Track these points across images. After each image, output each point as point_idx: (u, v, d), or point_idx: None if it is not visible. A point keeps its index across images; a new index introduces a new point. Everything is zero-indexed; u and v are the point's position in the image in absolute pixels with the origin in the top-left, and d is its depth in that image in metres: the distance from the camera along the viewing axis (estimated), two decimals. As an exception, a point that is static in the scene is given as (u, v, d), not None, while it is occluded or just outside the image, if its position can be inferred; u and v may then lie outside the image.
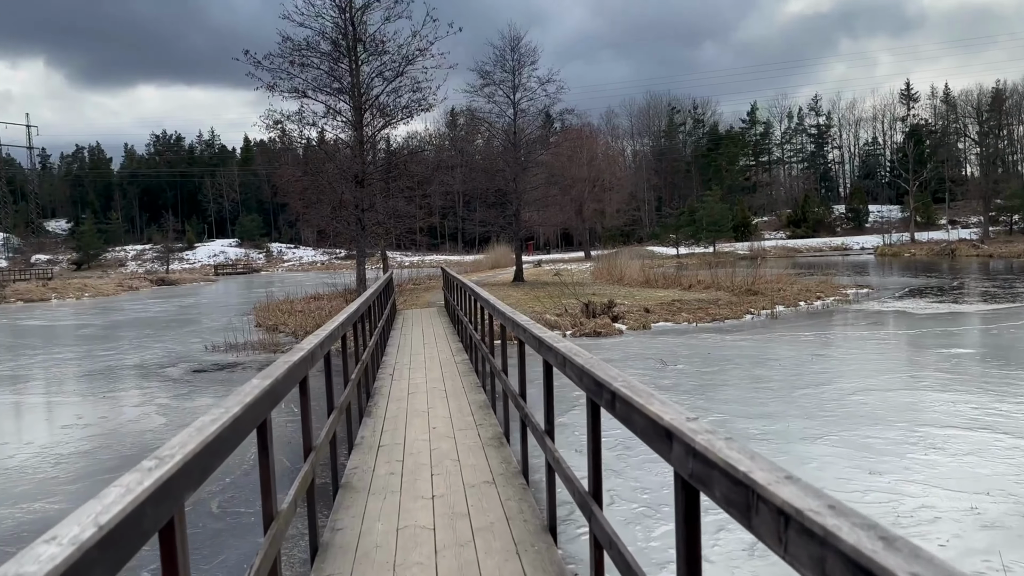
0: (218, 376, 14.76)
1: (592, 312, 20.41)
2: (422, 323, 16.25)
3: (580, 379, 2.94)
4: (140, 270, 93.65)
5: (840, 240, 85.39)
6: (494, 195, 40.45)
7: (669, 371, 13.00)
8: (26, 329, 27.31)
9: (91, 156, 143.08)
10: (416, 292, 31.62)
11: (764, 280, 28.50)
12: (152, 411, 11.65)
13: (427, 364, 10.05)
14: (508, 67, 34.52)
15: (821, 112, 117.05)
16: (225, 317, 27.39)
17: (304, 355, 3.68)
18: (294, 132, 20.84)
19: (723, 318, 20.17)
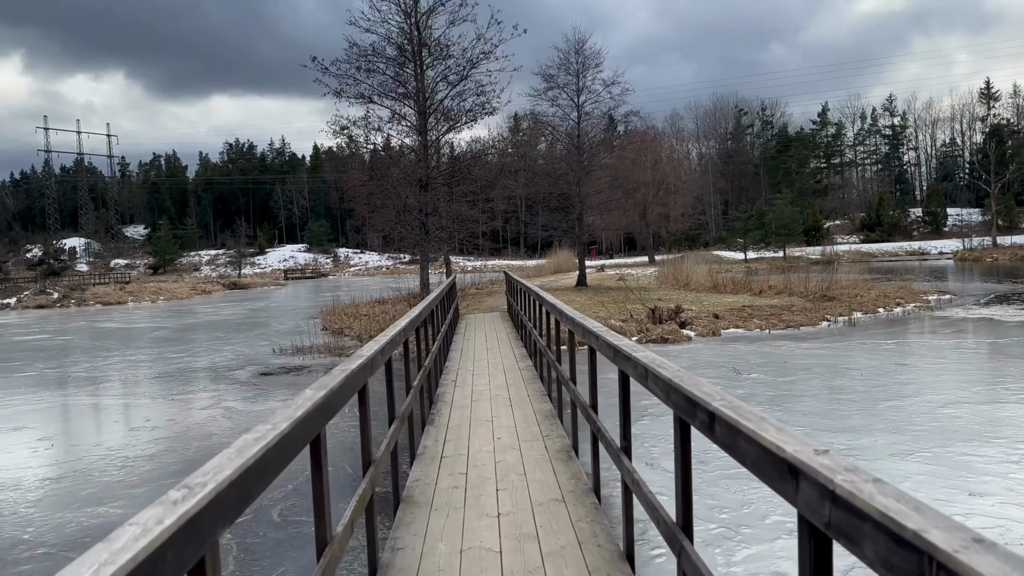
0: (284, 379, 14.82)
1: (659, 318, 19.87)
2: (485, 328, 16.04)
3: (667, 394, 2.60)
4: (214, 274, 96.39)
5: (917, 244, 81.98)
6: (557, 199, 40.12)
7: (743, 380, 12.43)
8: (103, 332, 28.20)
9: (167, 164, 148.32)
10: (479, 297, 31.52)
11: (839, 285, 27.39)
12: (219, 414, 11.70)
13: (491, 370, 9.78)
14: (572, 70, 34.22)
15: (896, 112, 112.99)
16: (292, 320, 27.77)
17: (363, 362, 3.43)
18: (360, 137, 21.03)
19: (797, 325, 19.36)
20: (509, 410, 7.20)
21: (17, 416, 12.17)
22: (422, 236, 21.28)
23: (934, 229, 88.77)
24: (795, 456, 1.57)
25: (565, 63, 34.20)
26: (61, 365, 18.44)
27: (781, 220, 68.30)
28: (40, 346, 23.39)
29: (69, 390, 14.82)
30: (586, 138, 34.96)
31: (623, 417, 3.68)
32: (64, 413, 12.67)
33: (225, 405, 12.42)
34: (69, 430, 11.31)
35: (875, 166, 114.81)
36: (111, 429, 11.21)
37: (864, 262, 66.01)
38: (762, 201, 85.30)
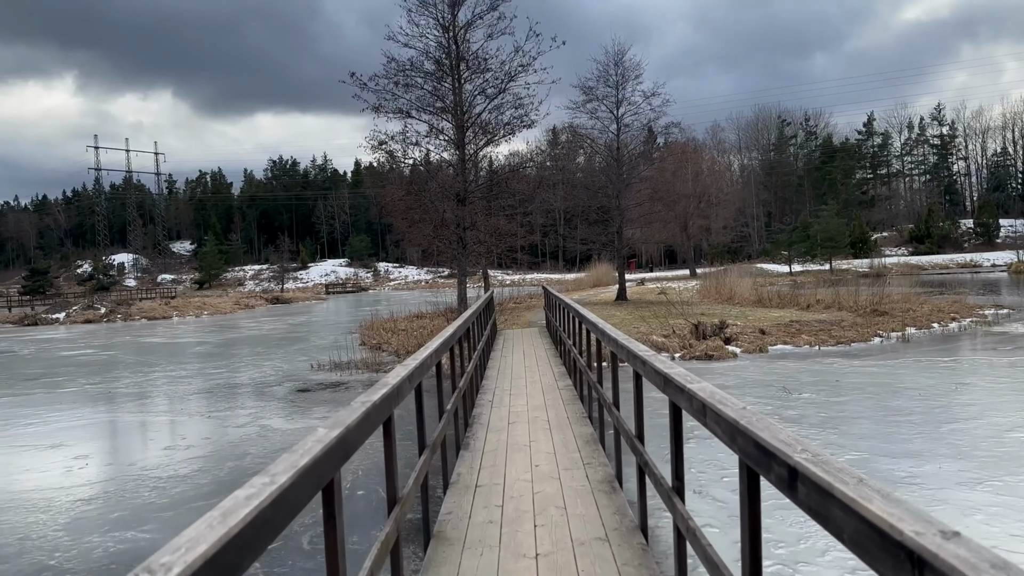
0: (321, 396, 14.65)
1: (702, 333, 19.33)
2: (523, 344, 15.69)
3: (731, 438, 2.23)
4: (257, 289, 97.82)
5: (968, 256, 79.57)
6: (596, 212, 39.68)
7: (794, 400, 11.88)
8: (146, 347, 28.52)
9: (213, 181, 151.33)
10: (517, 311, 31.21)
11: (890, 299, 26.46)
12: (254, 433, 11.54)
13: (528, 390, 9.43)
14: (611, 82, 33.88)
15: (944, 122, 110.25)
16: (332, 335, 27.78)
17: (388, 392, 3.12)
18: (398, 152, 20.94)
19: (848, 341, 18.65)
20: (548, 434, 6.85)
21: (55, 433, 12.16)
22: (459, 250, 21.05)
23: (986, 241, 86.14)
24: (917, 542, 1.21)
25: (604, 75, 33.89)
26: (103, 381, 18.57)
27: (827, 232, 66.84)
28: (84, 361, 23.68)
29: (108, 406, 14.85)
30: (625, 150, 34.53)
31: (675, 454, 3.32)
32: (101, 431, 12.65)
33: (262, 423, 12.27)
34: (105, 448, 11.24)
35: (923, 176, 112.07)
36: (146, 448, 11.11)
37: (913, 275, 64.16)
38: (807, 213, 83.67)
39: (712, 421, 2.45)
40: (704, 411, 2.55)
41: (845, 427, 10.09)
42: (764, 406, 11.40)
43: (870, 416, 10.70)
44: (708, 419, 2.51)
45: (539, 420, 7.46)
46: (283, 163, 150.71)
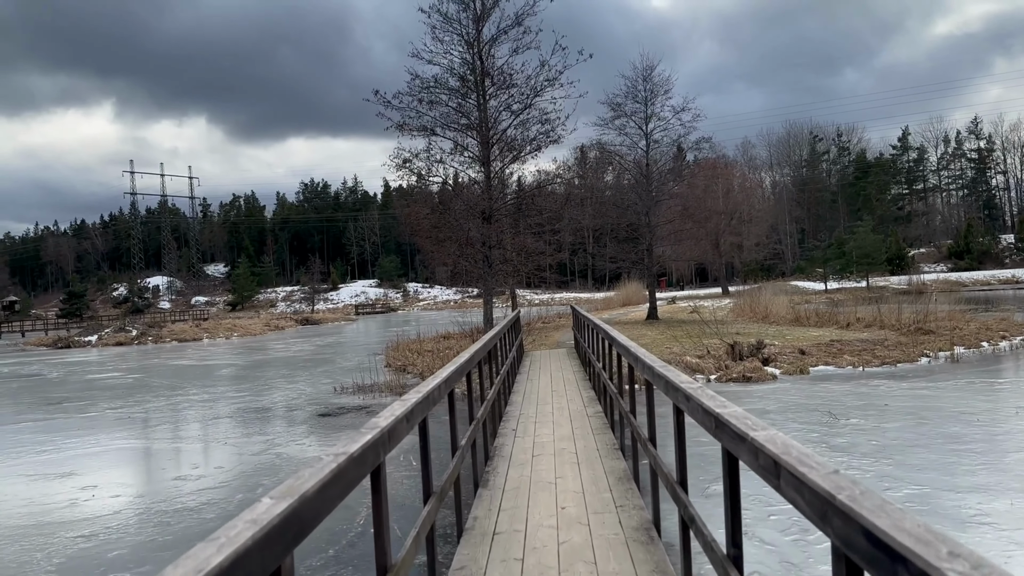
0: (341, 421, 14.14)
1: (739, 354, 18.52)
2: (551, 366, 15.05)
3: (822, 516, 1.61)
4: (289, 310, 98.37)
5: (1010, 272, 77.28)
6: (625, 230, 39.00)
7: (840, 427, 11.08)
8: (172, 369, 28.34)
9: (246, 204, 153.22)
10: (545, 331, 30.56)
11: (935, 317, 25.35)
12: (268, 462, 11.04)
13: (555, 417, 8.80)
14: (640, 97, 33.32)
15: (982, 135, 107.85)
16: (358, 357, 27.37)
17: (374, 438, 2.55)
18: (422, 170, 20.51)
19: (894, 361, 17.71)
20: (576, 469, 6.21)
21: (68, 461, 11.78)
22: (485, 269, 20.50)
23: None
24: None
25: (633, 91, 33.35)
26: (125, 405, 18.27)
27: (863, 248, 65.36)
28: (109, 385, 23.50)
29: (126, 432, 14.48)
30: (655, 167, 33.89)
31: (731, 514, 2.69)
32: (115, 459, 12.23)
33: (278, 451, 11.77)
34: (115, 478, 10.80)
35: (960, 191, 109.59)
36: (157, 477, 10.64)
37: (954, 291, 62.28)
38: (841, 229, 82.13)
39: (789, 487, 1.83)
40: (776, 471, 1.93)
41: (900, 456, 9.29)
42: (809, 434, 10.64)
43: (926, 444, 9.89)
44: (783, 482, 1.89)
45: (566, 452, 6.83)
46: (314, 186, 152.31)
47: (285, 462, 10.88)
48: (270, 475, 10.05)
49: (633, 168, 34.25)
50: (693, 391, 3.18)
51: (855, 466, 8.80)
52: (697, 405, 3.02)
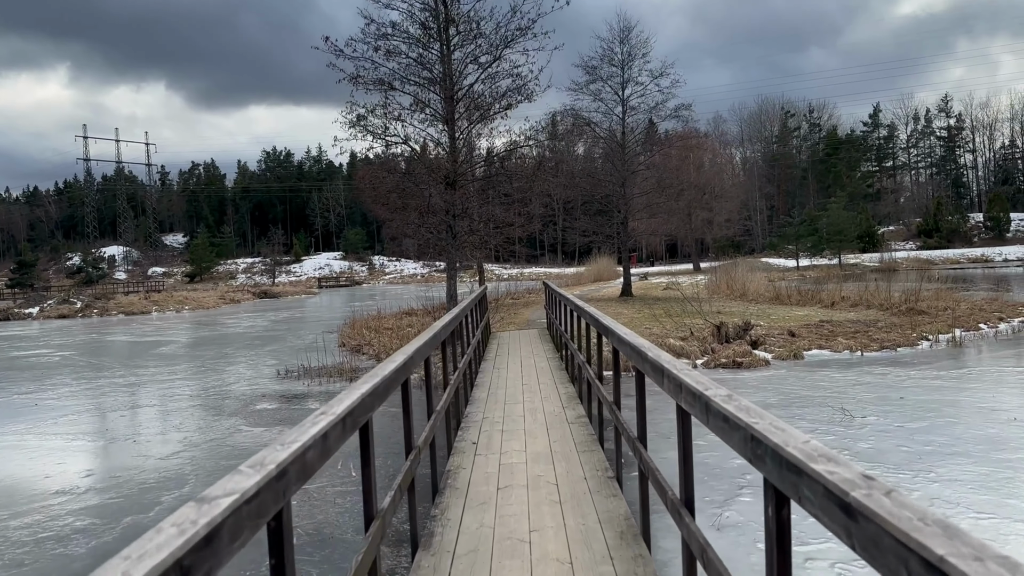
0: (276, 414, 12.25)
1: (725, 336, 16.92)
2: (521, 351, 13.23)
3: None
4: (250, 283, 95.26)
5: (980, 251, 77.28)
6: (599, 202, 37.26)
7: (858, 427, 9.48)
8: (107, 346, 26.09)
9: (206, 173, 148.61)
10: (514, 308, 28.79)
11: (922, 296, 24.03)
12: (175, 467, 9.14)
13: (528, 423, 7.01)
14: (617, 61, 31.40)
15: (952, 113, 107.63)
16: (313, 334, 25.35)
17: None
18: (377, 128, 18.28)
19: (893, 345, 16.23)
20: (558, 515, 4.42)
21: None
22: (449, 241, 18.53)
23: (996, 235, 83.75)
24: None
25: (608, 54, 31.43)
26: (38, 389, 16.14)
27: (836, 225, 64.43)
28: (31, 363, 21.25)
29: (22, 425, 12.40)
30: (631, 135, 32.10)
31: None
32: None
33: (189, 455, 9.86)
34: (-15, 488, 8.82)
35: (929, 169, 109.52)
36: (38, 488, 8.67)
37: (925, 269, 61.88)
38: (812, 206, 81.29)
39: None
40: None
41: (941, 468, 7.68)
42: (825, 436, 9.01)
43: (965, 452, 8.30)
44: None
45: (543, 484, 5.04)
46: (277, 154, 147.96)
47: (194, 471, 8.98)
48: (172, 490, 8.15)
49: (608, 136, 32.39)
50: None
51: (894, 483, 7.15)
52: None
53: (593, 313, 6.41)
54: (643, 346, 4.05)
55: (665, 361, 3.48)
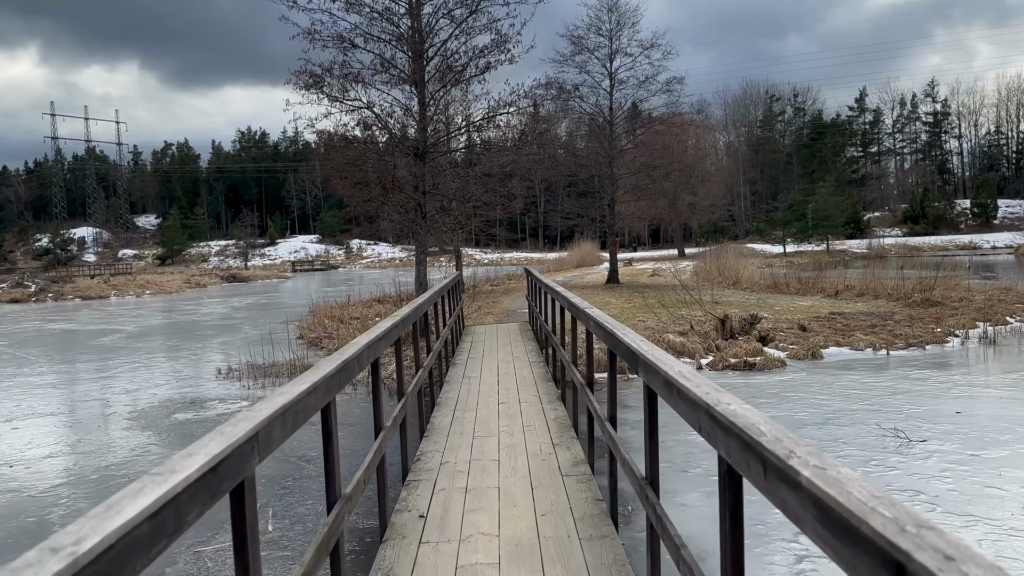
0: (200, 428, 10.10)
1: (729, 330, 14.96)
2: (498, 352, 11.11)
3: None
4: (223, 265, 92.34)
5: (967, 238, 76.24)
6: (583, 183, 35.22)
7: (920, 454, 7.51)
8: (43, 335, 23.69)
9: (180, 152, 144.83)
10: (493, 296, 26.71)
11: (930, 285, 22.20)
12: (28, 510, 7.00)
13: (504, 476, 4.87)
14: (604, 30, 29.25)
15: (937, 99, 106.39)
16: (273, 323, 23.10)
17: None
18: (334, 88, 15.89)
19: (920, 343, 14.34)
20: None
21: None
22: (418, 221, 16.33)
23: (983, 222, 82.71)
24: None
25: (596, 22, 29.26)
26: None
27: (824, 211, 62.88)
28: (-51, 356, 18.87)
29: None
30: (620, 111, 30.01)
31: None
32: None
33: (65, 491, 7.72)
34: None
35: (914, 155, 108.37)
36: None
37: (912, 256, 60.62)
38: (797, 191, 79.73)
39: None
40: None
41: (1058, 525, 5.72)
42: (887, 472, 7.03)
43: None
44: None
45: (525, 552, 3.00)
46: (252, 135, 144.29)
47: (56, 514, 6.84)
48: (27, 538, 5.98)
49: (595, 112, 30.25)
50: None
51: (1004, 553, 5.20)
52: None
53: (597, 316, 4.34)
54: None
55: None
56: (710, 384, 2.14)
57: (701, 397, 1.98)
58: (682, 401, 2.20)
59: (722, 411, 1.79)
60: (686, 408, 2.16)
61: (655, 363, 2.63)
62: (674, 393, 2.31)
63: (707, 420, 1.92)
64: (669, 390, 2.39)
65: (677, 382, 2.24)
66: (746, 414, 1.73)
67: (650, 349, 2.91)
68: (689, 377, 2.25)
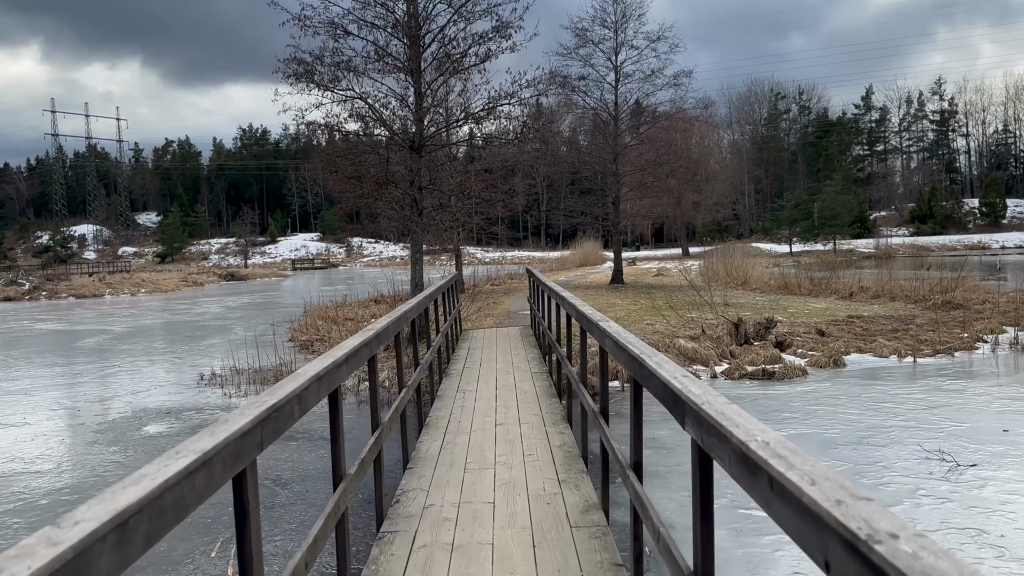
0: (171, 443, 9.25)
1: (743, 335, 14.08)
2: (497, 360, 10.23)
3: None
4: (223, 263, 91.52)
5: (976, 238, 75.20)
6: (587, 180, 34.34)
7: (969, 481, 6.64)
8: (27, 336, 22.87)
9: (181, 150, 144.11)
10: (494, 296, 25.83)
11: (952, 287, 21.31)
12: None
13: (499, 528, 4.00)
14: (609, 22, 28.37)
15: (944, 97, 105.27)
16: (266, 323, 22.25)
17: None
18: (325, 76, 14.95)
19: (949, 349, 13.45)
20: None
21: None
22: (414, 218, 15.43)
23: (992, 221, 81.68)
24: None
25: (601, 14, 28.38)
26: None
27: (832, 209, 61.91)
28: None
29: None
30: (625, 106, 29.13)
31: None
32: None
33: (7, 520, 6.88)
34: None
35: (921, 154, 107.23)
36: None
37: (921, 256, 59.70)
38: (802, 190, 78.74)
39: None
40: None
41: None
42: (939, 504, 6.17)
43: None
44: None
45: None
46: (253, 132, 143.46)
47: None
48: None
49: (599, 106, 29.35)
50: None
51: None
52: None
53: (620, 337, 3.47)
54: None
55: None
56: (834, 476, 1.29)
57: (827, 510, 1.13)
58: (783, 504, 1.34)
59: (888, 555, 0.94)
60: (791, 517, 1.31)
61: (717, 420, 1.78)
62: (762, 483, 1.45)
63: (845, 555, 1.06)
64: (750, 474, 1.53)
65: (771, 467, 1.39)
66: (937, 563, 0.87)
67: (702, 392, 2.05)
68: (793, 460, 1.40)
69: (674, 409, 2.26)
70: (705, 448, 1.95)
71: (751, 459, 1.52)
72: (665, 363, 2.54)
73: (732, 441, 1.65)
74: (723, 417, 1.77)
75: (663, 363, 2.54)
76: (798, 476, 1.32)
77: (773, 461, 1.42)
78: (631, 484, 2.99)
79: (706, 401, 1.94)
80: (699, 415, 1.92)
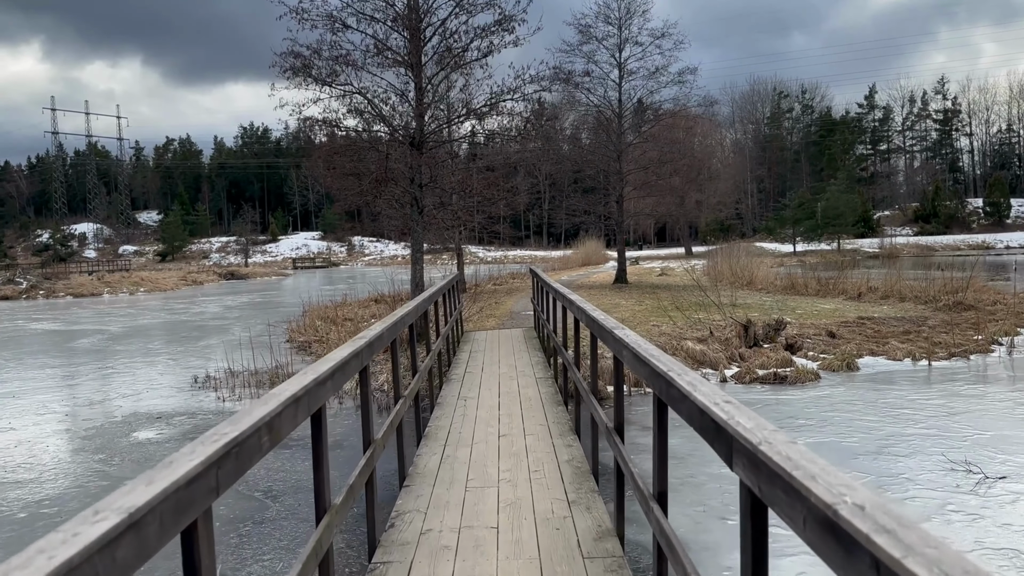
0: (160, 451, 8.91)
1: (752, 337, 13.71)
2: (500, 365, 9.86)
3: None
4: (224, 262, 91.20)
5: (980, 237, 74.75)
6: (590, 179, 33.97)
7: (1001, 496, 6.27)
8: (21, 337, 22.54)
9: (182, 148, 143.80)
10: (496, 295, 25.46)
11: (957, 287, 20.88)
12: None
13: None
14: (613, 19, 27.97)
15: (948, 95, 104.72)
16: (264, 323, 21.90)
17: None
18: (323, 71, 14.59)
19: (964, 352, 13.07)
20: None
21: None
22: (414, 217, 15.06)
23: (996, 221, 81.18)
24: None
25: (604, 11, 27.99)
26: None
27: (836, 209, 61.49)
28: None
29: None
30: (629, 103, 28.74)
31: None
32: None
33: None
34: None
35: (924, 153, 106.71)
36: None
37: (925, 256, 59.24)
38: (806, 189, 78.27)
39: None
40: None
41: None
42: (954, 517, 5.80)
43: None
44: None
45: None
46: (254, 130, 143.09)
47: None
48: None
49: (603, 103, 28.97)
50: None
51: None
52: None
53: (639, 348, 3.09)
54: None
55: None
56: (974, 568, 0.92)
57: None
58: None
59: None
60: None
61: (783, 467, 1.42)
62: (862, 565, 1.09)
63: None
64: (842, 550, 1.17)
65: (878, 549, 1.03)
66: None
67: (755, 427, 1.69)
68: (908, 539, 1.04)
69: (715, 442, 1.89)
70: (763, 498, 1.58)
71: (843, 530, 1.15)
72: (699, 383, 2.17)
73: (810, 500, 1.28)
74: (791, 464, 1.40)
75: (696, 383, 2.17)
76: (923, 568, 0.95)
77: (879, 539, 1.05)
78: (655, 518, 2.62)
79: (763, 440, 1.57)
80: (755, 458, 1.56)
